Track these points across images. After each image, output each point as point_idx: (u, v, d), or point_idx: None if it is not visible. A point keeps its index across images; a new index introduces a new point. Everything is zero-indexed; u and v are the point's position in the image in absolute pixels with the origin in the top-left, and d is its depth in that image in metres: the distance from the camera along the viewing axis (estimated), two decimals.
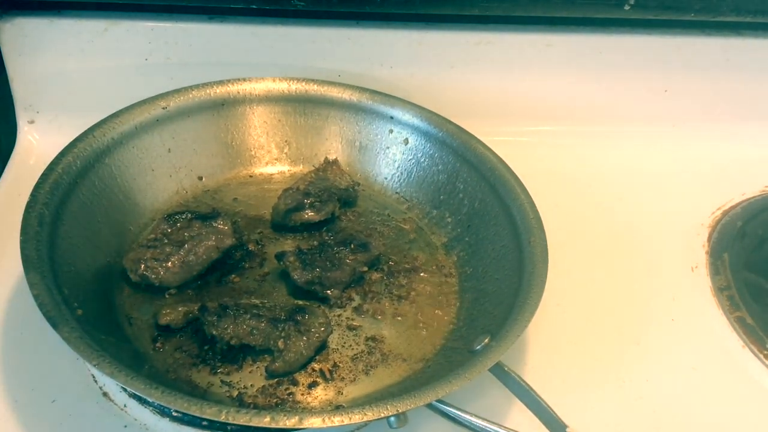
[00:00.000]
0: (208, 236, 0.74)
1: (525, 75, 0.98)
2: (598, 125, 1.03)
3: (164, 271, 0.71)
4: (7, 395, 0.65)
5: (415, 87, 0.94)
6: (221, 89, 0.85)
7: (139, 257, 0.71)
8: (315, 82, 0.88)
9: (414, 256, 0.81)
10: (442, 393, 0.58)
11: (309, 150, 0.89)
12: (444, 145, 0.85)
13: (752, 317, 0.80)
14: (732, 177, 1.00)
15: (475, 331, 0.70)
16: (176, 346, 0.68)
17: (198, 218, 0.75)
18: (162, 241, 0.73)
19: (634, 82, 1.00)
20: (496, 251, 0.77)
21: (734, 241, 0.89)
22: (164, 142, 0.81)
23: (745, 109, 1.04)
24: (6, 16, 0.86)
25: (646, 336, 0.78)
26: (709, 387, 0.74)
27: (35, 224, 0.65)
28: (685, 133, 1.04)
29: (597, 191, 0.96)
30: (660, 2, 0.93)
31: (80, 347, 0.56)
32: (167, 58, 0.91)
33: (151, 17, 0.89)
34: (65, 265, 0.66)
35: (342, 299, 0.74)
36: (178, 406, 0.54)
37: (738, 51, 0.99)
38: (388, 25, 0.93)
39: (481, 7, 0.91)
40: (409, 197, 0.87)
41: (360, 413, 0.55)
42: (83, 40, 0.89)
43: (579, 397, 0.71)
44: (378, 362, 0.69)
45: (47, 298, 0.59)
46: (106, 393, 0.66)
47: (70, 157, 0.72)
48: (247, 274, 0.75)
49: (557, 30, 0.95)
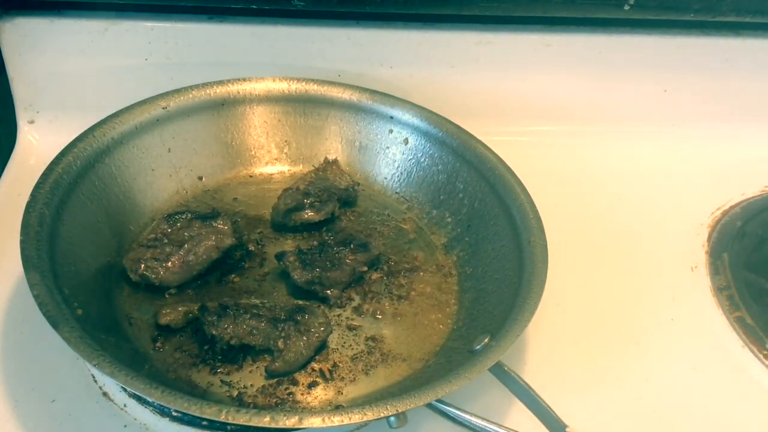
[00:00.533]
0: (208, 236, 0.74)
1: (525, 75, 0.98)
2: (598, 125, 1.03)
3: (164, 270, 0.71)
4: (7, 395, 0.65)
5: (415, 87, 0.94)
6: (221, 89, 0.85)
7: (139, 257, 0.71)
8: (315, 82, 0.88)
9: (414, 256, 0.81)
10: (442, 393, 0.58)
11: (309, 150, 0.89)
12: (444, 145, 0.85)
13: (752, 317, 0.80)
14: (732, 177, 1.00)
15: (475, 331, 0.70)
16: (176, 346, 0.68)
17: (198, 218, 0.75)
18: (162, 240, 0.73)
19: (634, 82, 1.00)
20: (496, 251, 0.77)
21: (734, 241, 0.89)
22: (164, 142, 0.81)
23: (745, 109, 1.04)
24: (6, 16, 0.86)
25: (646, 336, 0.78)
26: (708, 387, 0.74)
27: (35, 224, 0.65)
28: (685, 133, 1.04)
29: (597, 191, 0.96)
30: (660, 2, 0.93)
31: (80, 347, 0.56)
32: (167, 58, 0.91)
33: (151, 17, 0.89)
34: (65, 265, 0.66)
35: (342, 299, 0.74)
36: (178, 406, 0.54)
37: (737, 51, 0.99)
38: (388, 25, 0.93)
39: (481, 7, 0.91)
40: (409, 197, 0.87)
41: (360, 413, 0.55)
42: (83, 40, 0.89)
43: (579, 397, 0.71)
44: (378, 362, 0.69)
45: (47, 298, 0.59)
46: (106, 393, 0.67)
47: (70, 157, 0.72)
48: (247, 274, 0.75)
49: (557, 30, 0.95)
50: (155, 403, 0.64)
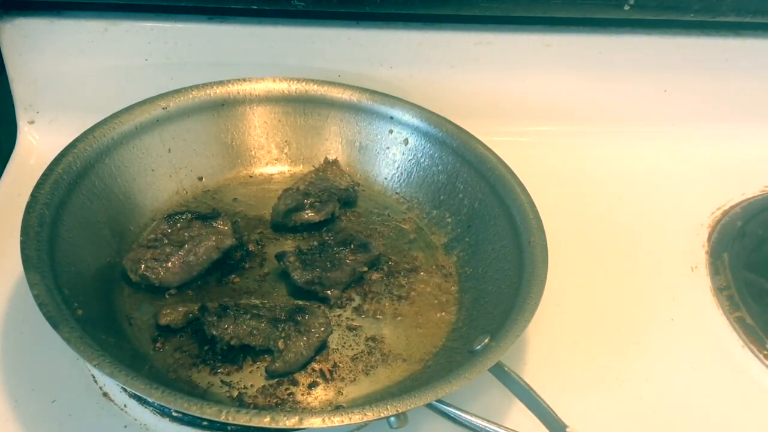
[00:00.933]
0: (208, 236, 0.74)
1: (525, 75, 0.98)
2: (598, 125, 1.03)
3: (164, 271, 0.71)
4: (7, 395, 0.65)
5: (415, 87, 0.94)
6: (221, 89, 0.85)
7: (139, 257, 0.71)
8: (315, 83, 0.88)
9: (414, 256, 0.81)
10: (442, 393, 0.58)
11: (309, 150, 0.89)
12: (444, 145, 0.85)
13: (752, 317, 0.80)
14: (732, 177, 1.00)
15: (475, 331, 0.70)
16: (176, 346, 0.68)
17: (198, 218, 0.75)
18: (162, 241, 0.73)
19: (634, 82, 1.00)
20: (496, 251, 0.77)
21: (734, 241, 0.89)
22: (164, 142, 0.81)
23: (745, 109, 1.04)
24: (6, 16, 0.86)
25: (646, 336, 0.78)
26: (708, 387, 0.74)
27: (35, 224, 0.65)
28: (685, 133, 1.04)
29: (597, 191, 0.96)
30: (660, 2, 0.93)
31: (80, 347, 0.56)
32: (167, 58, 0.91)
33: (151, 17, 0.89)
34: (65, 265, 0.66)
35: (342, 299, 0.74)
36: (178, 406, 0.54)
37: (737, 51, 0.99)
38: (388, 25, 0.93)
39: (481, 7, 0.91)
40: (409, 197, 0.87)
41: (360, 413, 0.55)
42: (83, 40, 0.89)
43: (579, 397, 0.71)
44: (378, 362, 0.69)
45: (47, 298, 0.59)
46: (106, 393, 0.67)
47: (70, 157, 0.72)
48: (247, 275, 0.75)
49: (557, 30, 0.95)
50: (155, 403, 0.64)
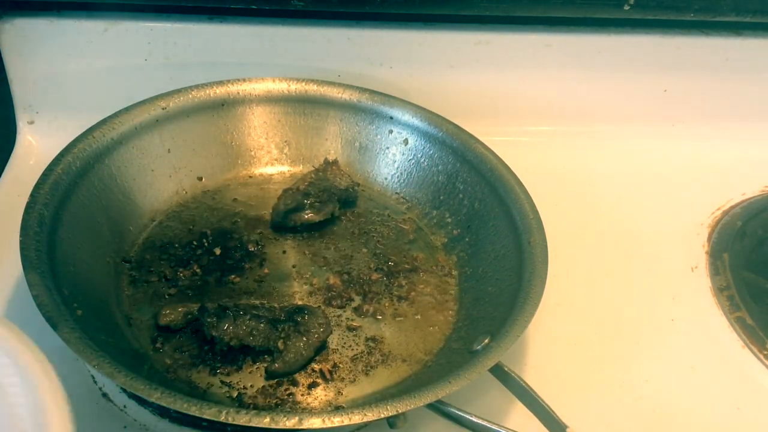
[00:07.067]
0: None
1: (525, 75, 0.98)
2: (598, 125, 1.03)
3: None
4: None
5: (414, 87, 0.94)
6: (221, 89, 0.85)
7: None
8: (315, 83, 0.88)
9: (414, 256, 0.80)
10: (442, 393, 0.58)
11: (309, 150, 0.89)
12: (444, 145, 0.85)
13: (752, 317, 0.80)
14: (732, 177, 1.00)
15: (475, 331, 0.70)
16: (176, 347, 0.68)
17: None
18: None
19: (634, 82, 1.00)
20: (496, 251, 0.77)
21: (734, 241, 0.89)
22: (164, 142, 0.81)
23: (745, 109, 1.04)
24: (6, 17, 0.86)
25: (646, 336, 0.78)
26: (708, 387, 0.74)
27: (35, 224, 0.65)
28: (685, 133, 1.04)
29: (597, 191, 0.96)
30: (659, 2, 0.93)
31: (80, 348, 0.56)
32: (167, 58, 0.91)
33: (151, 17, 0.89)
34: (65, 265, 0.66)
35: (342, 300, 0.74)
36: (177, 407, 0.54)
37: (738, 51, 0.99)
38: (388, 25, 0.93)
39: (481, 7, 0.91)
40: (409, 197, 0.87)
41: (360, 414, 0.55)
42: (83, 40, 0.88)
43: (579, 398, 0.71)
44: (378, 363, 0.69)
45: (47, 299, 0.59)
46: (106, 393, 0.66)
47: (70, 158, 0.72)
48: (246, 275, 0.75)
49: (556, 30, 0.95)
50: (155, 403, 0.64)
